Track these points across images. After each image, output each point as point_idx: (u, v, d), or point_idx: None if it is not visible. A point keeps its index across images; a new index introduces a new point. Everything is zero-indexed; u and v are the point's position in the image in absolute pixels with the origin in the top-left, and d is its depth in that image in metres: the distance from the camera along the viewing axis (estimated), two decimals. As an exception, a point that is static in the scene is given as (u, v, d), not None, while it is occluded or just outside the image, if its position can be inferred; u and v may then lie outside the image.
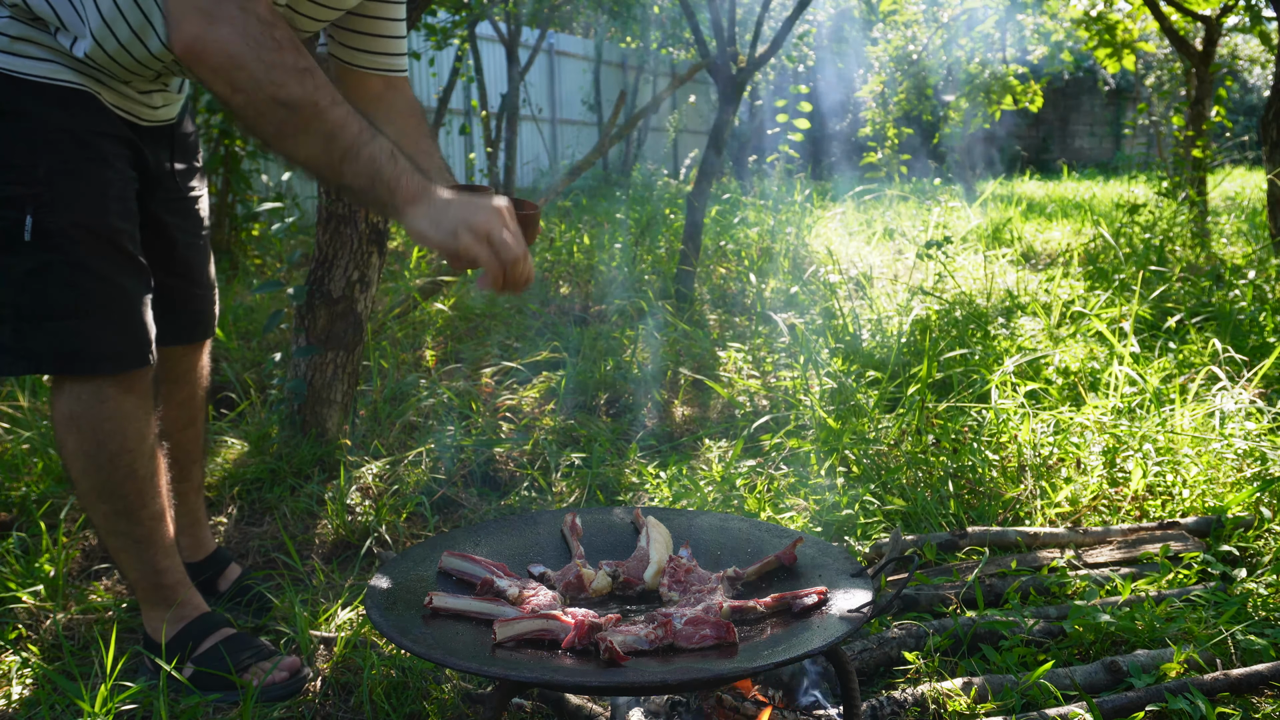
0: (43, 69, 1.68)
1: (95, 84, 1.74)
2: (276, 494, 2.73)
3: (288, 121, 1.39)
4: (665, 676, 1.26)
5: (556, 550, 1.71)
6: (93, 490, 1.81)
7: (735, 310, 4.93)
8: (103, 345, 1.75)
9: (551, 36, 13.59)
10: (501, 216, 1.43)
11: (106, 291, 1.75)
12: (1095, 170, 15.84)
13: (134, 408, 1.80)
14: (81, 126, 1.72)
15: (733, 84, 4.84)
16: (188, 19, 1.37)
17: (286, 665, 1.88)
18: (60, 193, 1.68)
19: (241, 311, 4.61)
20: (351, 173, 1.41)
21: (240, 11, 1.38)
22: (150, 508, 1.86)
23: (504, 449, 3.02)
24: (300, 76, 1.38)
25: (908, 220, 7.60)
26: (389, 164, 1.41)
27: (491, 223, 1.41)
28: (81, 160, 1.71)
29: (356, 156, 1.41)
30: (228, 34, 1.36)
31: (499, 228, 1.42)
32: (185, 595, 1.95)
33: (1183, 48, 6.76)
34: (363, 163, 1.41)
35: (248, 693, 1.74)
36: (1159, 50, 12.40)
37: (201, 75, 1.39)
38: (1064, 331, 3.75)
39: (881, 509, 2.52)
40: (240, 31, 1.37)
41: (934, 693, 1.75)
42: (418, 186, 1.43)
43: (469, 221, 1.41)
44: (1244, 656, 1.87)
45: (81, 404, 1.76)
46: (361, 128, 1.42)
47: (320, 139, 1.40)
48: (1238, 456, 2.62)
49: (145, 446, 1.83)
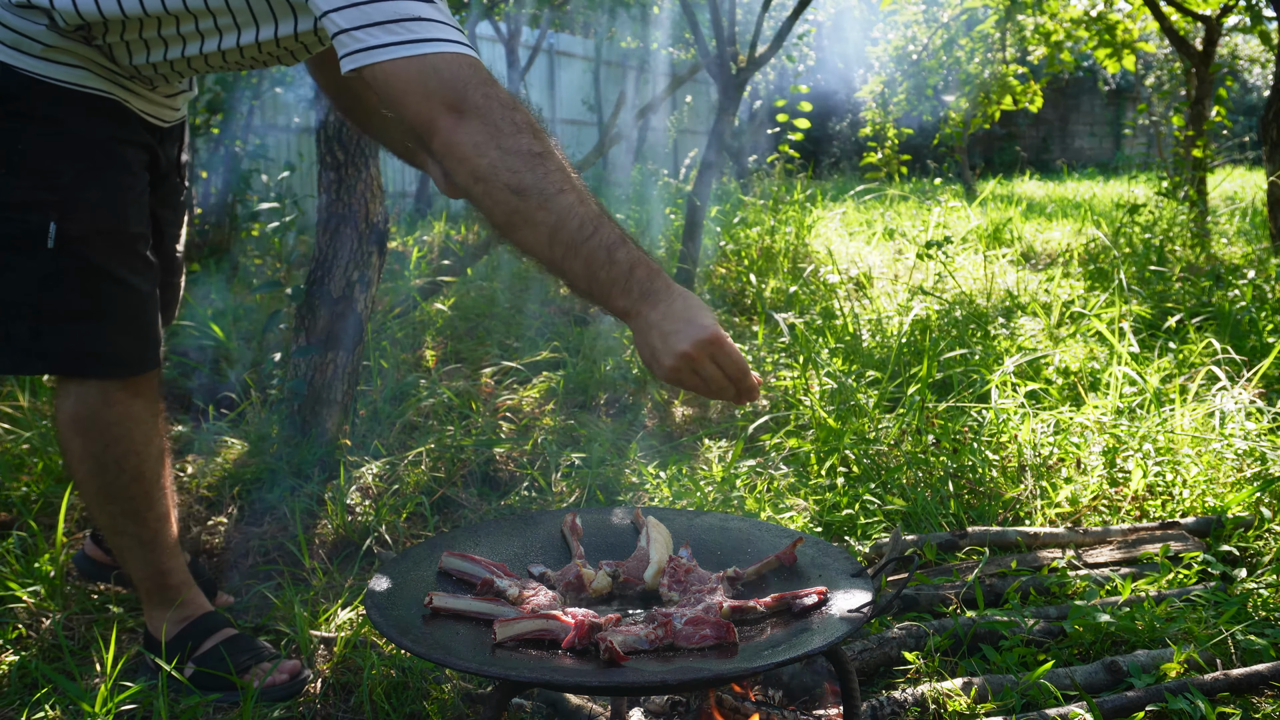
0: (74, 75, 1.69)
1: (124, 91, 1.75)
2: (276, 494, 2.72)
3: (517, 210, 1.36)
4: (665, 676, 1.26)
5: (556, 550, 1.71)
6: (99, 492, 1.82)
7: (735, 310, 4.93)
8: (118, 349, 1.77)
9: (551, 36, 13.58)
10: (695, 358, 1.34)
11: (123, 296, 1.77)
12: (1095, 170, 15.84)
13: (141, 410, 1.81)
14: (107, 134, 1.73)
15: (733, 84, 4.84)
16: (440, 118, 1.37)
17: (286, 668, 1.89)
18: (84, 200, 1.70)
19: (241, 312, 4.61)
20: (573, 272, 1.38)
21: (485, 99, 1.38)
22: (156, 509, 1.87)
23: (504, 449, 3.02)
24: (533, 162, 1.36)
25: (908, 220, 7.60)
26: (604, 269, 1.36)
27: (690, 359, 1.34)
28: (106, 168, 1.73)
29: (576, 254, 1.36)
30: (476, 125, 1.37)
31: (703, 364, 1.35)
32: (188, 595, 1.95)
33: (1183, 48, 6.76)
34: (581, 261, 1.36)
35: (248, 693, 1.74)
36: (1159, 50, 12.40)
37: (450, 165, 1.39)
38: (1064, 331, 3.75)
39: (881, 509, 2.52)
40: (486, 120, 1.37)
41: (934, 693, 1.75)
42: (627, 303, 1.37)
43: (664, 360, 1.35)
44: (1244, 656, 1.87)
45: (88, 407, 1.77)
46: (584, 221, 1.36)
47: (545, 230, 1.36)
48: (1238, 456, 2.62)
49: (152, 449, 1.84)
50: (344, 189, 2.94)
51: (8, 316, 1.72)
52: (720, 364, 1.37)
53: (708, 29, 5.20)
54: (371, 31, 1.38)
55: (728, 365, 1.37)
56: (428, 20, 1.40)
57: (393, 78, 1.39)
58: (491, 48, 10.94)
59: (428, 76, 1.38)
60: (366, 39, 1.39)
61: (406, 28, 1.38)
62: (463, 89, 1.38)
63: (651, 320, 1.36)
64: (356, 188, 2.94)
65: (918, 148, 14.19)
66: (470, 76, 1.39)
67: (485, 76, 1.40)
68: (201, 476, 2.86)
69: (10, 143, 1.66)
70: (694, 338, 1.35)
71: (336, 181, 2.94)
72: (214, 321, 3.96)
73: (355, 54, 1.39)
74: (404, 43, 1.38)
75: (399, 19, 1.38)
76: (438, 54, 1.39)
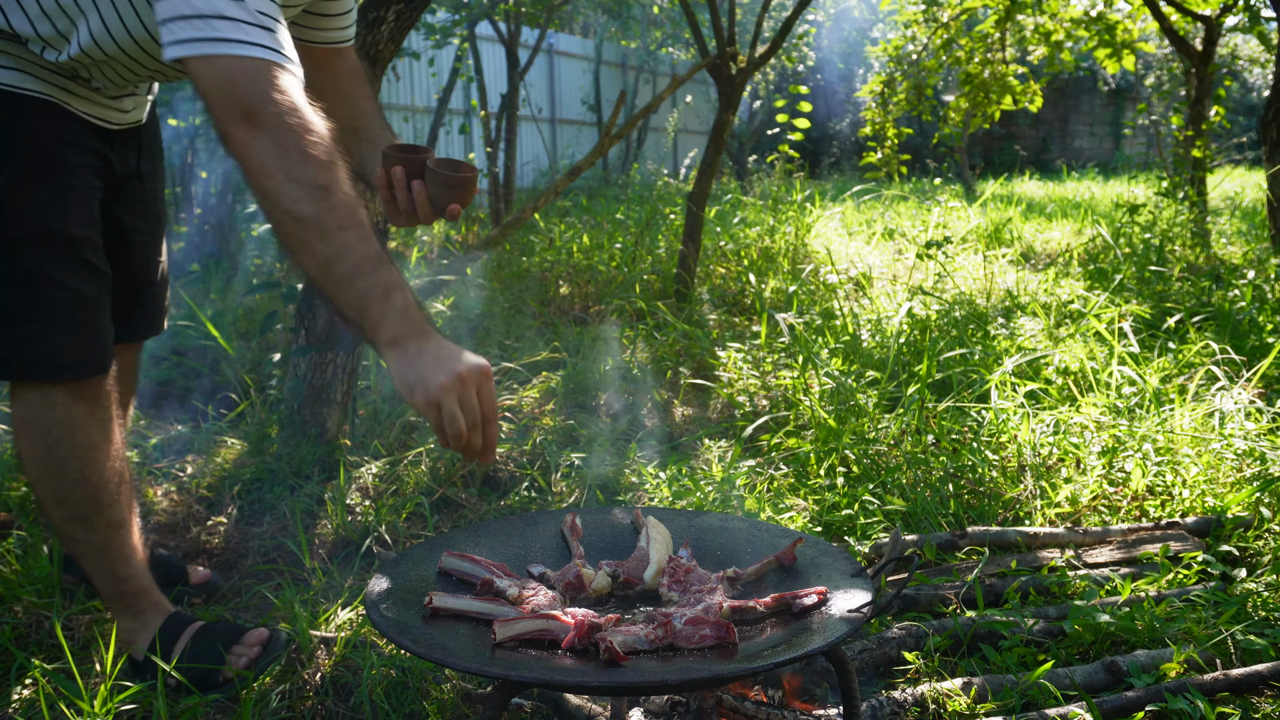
0: (10, 78, 1.68)
1: (63, 93, 1.74)
2: (276, 494, 2.72)
3: (295, 235, 1.37)
4: (665, 676, 1.26)
5: (556, 550, 1.71)
6: (48, 495, 1.82)
7: (735, 310, 4.93)
8: (61, 352, 1.75)
9: (551, 36, 13.58)
10: (463, 383, 1.33)
11: (66, 299, 1.74)
12: (1095, 170, 15.84)
13: (83, 414, 1.79)
14: (47, 135, 1.72)
15: (732, 84, 4.84)
16: (234, 127, 1.37)
17: (256, 639, 1.91)
18: (23, 200, 1.68)
19: (241, 312, 4.61)
20: (343, 301, 1.38)
21: (276, 118, 1.37)
22: (106, 515, 1.84)
23: (504, 449, 3.02)
24: (316, 194, 1.37)
25: (908, 220, 7.60)
26: (377, 303, 1.36)
27: (445, 391, 1.32)
28: (45, 168, 1.71)
29: (350, 287, 1.37)
30: (264, 143, 1.36)
31: (451, 398, 1.32)
32: (150, 602, 1.94)
33: (1183, 48, 6.76)
34: (354, 294, 1.37)
35: (246, 684, 1.74)
36: (1159, 50, 12.40)
37: (244, 173, 1.40)
38: (1064, 331, 3.75)
39: (881, 509, 2.52)
40: (275, 142, 1.36)
41: (934, 693, 1.75)
42: (398, 331, 1.36)
43: (427, 383, 1.33)
44: (1244, 656, 1.87)
45: (32, 409, 1.76)
46: (362, 258, 1.37)
47: (320, 260, 1.37)
48: (1237, 456, 2.62)
49: (98, 454, 1.81)
50: (344, 189, 2.93)
51: None
52: (482, 397, 1.35)
53: (707, 29, 5.20)
54: (180, 25, 1.38)
55: (486, 401, 1.36)
56: (230, 20, 1.39)
57: (196, 75, 1.39)
58: (491, 47, 10.95)
59: (220, 81, 1.38)
60: (177, 31, 1.39)
61: (210, 24, 1.38)
62: (256, 101, 1.37)
63: (423, 348, 1.36)
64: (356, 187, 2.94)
65: (918, 148, 14.20)
66: (264, 91, 1.38)
67: (281, 87, 1.39)
68: (201, 476, 2.86)
69: None
70: (467, 365, 1.34)
71: (336, 181, 2.93)
72: (213, 322, 3.96)
73: (169, 45, 1.40)
74: (204, 40, 1.38)
75: (200, 15, 1.38)
76: (235, 57, 1.38)
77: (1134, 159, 15.75)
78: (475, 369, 1.35)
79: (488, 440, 1.37)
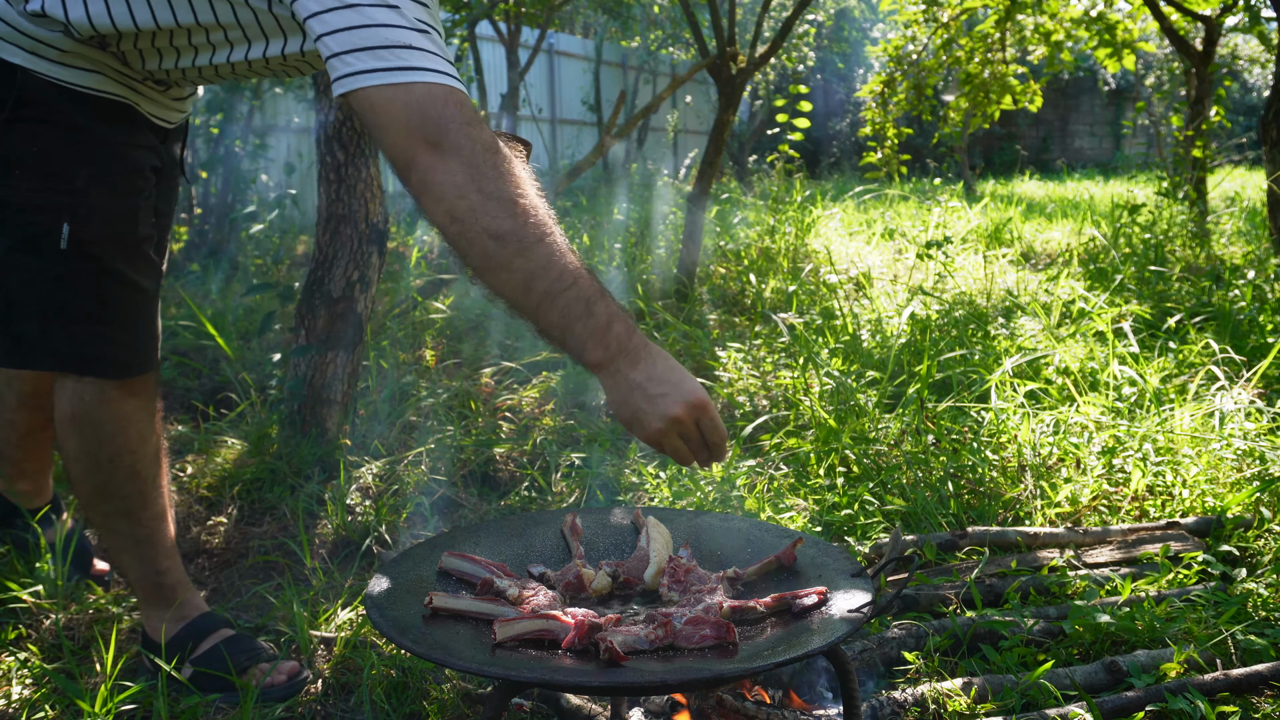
0: (89, 80, 1.69)
1: (136, 95, 1.76)
2: (276, 494, 2.72)
3: (494, 255, 1.34)
4: (665, 676, 1.26)
5: (556, 550, 1.71)
6: (94, 491, 1.83)
7: (735, 310, 4.93)
8: (122, 350, 1.78)
9: (551, 36, 13.58)
10: (680, 424, 1.34)
11: (130, 298, 1.78)
12: (1095, 170, 15.84)
13: (136, 410, 1.82)
14: (120, 138, 1.75)
15: (732, 84, 4.84)
16: (419, 153, 1.35)
17: (285, 669, 1.89)
18: (97, 203, 1.71)
19: (240, 312, 4.61)
20: (547, 321, 1.36)
21: (468, 140, 1.35)
22: (152, 509, 1.87)
23: (504, 449, 3.02)
24: (514, 209, 1.34)
25: (908, 220, 7.60)
26: (581, 321, 1.34)
27: (664, 435, 1.34)
28: (118, 171, 1.74)
29: (552, 304, 1.34)
30: (456, 166, 1.34)
31: (672, 439, 1.34)
32: (186, 595, 1.95)
33: (1183, 48, 6.76)
34: (557, 312, 1.34)
35: (248, 693, 1.74)
36: (1159, 50, 12.41)
37: (424, 202, 1.37)
38: (1064, 331, 3.75)
39: (881, 509, 2.52)
40: (467, 161, 1.34)
41: (934, 693, 1.75)
42: (605, 354, 1.35)
43: (644, 425, 1.33)
44: (1244, 656, 1.87)
45: (84, 405, 1.78)
46: (563, 271, 1.34)
47: (521, 277, 1.34)
48: (1237, 456, 2.62)
49: (147, 448, 1.85)
50: (344, 189, 2.94)
51: (18, 315, 1.73)
52: (704, 429, 1.36)
53: (707, 29, 5.20)
54: (360, 56, 1.36)
55: (711, 431, 1.37)
56: (419, 50, 1.37)
57: (377, 105, 1.36)
58: (491, 47, 10.95)
59: (411, 109, 1.35)
60: (355, 63, 1.36)
61: (396, 55, 1.36)
62: (445, 125, 1.35)
63: (634, 380, 1.35)
64: (356, 187, 2.94)
65: (918, 148, 14.19)
66: (454, 114, 1.36)
67: (470, 115, 1.38)
68: (201, 476, 2.86)
69: (26, 145, 1.67)
70: (684, 401, 1.34)
71: (336, 181, 2.94)
72: (213, 322, 3.96)
73: (343, 78, 1.37)
74: (391, 69, 1.36)
75: (389, 45, 1.36)
76: (424, 85, 1.36)
77: (1134, 159, 15.74)
78: (691, 407, 1.35)
79: (717, 459, 1.40)
